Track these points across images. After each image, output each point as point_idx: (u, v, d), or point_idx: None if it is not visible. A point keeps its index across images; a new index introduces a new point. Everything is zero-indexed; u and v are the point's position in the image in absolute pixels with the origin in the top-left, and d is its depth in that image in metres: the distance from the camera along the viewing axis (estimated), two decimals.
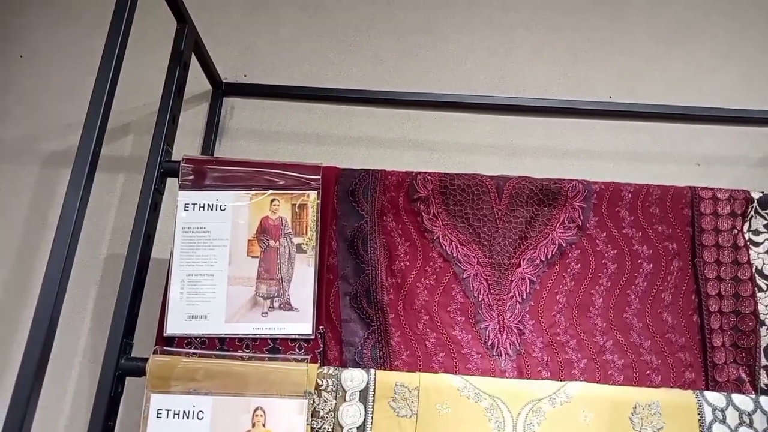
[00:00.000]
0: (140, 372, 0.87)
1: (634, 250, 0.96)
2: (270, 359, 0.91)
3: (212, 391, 0.87)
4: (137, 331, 0.93)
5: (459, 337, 0.93)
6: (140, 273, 0.94)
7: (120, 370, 0.88)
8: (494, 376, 0.90)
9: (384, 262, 0.96)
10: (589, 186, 0.98)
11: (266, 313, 0.93)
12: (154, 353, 0.89)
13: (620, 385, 0.90)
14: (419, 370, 0.90)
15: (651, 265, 0.95)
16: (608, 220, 0.97)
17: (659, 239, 0.96)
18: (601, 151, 1.25)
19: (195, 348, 0.92)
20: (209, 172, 0.99)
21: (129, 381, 0.90)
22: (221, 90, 1.29)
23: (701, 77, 1.30)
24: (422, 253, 0.96)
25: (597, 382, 0.90)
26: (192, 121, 1.27)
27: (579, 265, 0.96)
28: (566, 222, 0.97)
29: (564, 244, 0.96)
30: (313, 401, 0.86)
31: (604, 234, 0.97)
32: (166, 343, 0.92)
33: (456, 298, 0.95)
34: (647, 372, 0.91)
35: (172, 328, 0.93)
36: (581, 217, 0.97)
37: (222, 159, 1.04)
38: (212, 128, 1.26)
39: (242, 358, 0.90)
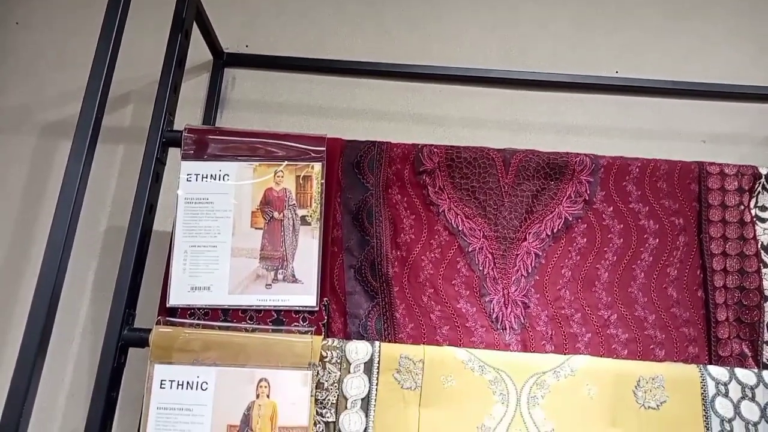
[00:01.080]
0: (143, 342, 0.87)
1: (640, 225, 0.96)
2: (274, 331, 0.90)
3: (216, 362, 0.87)
4: (139, 303, 0.92)
5: (464, 311, 0.93)
6: (142, 243, 0.93)
7: (123, 341, 0.87)
8: (499, 350, 0.90)
9: (389, 235, 0.95)
10: (596, 160, 0.97)
11: (270, 285, 0.93)
12: (157, 324, 0.89)
13: (624, 358, 0.90)
14: (424, 343, 0.90)
15: (657, 240, 0.95)
16: (615, 194, 0.96)
17: (666, 214, 0.96)
18: (606, 127, 1.24)
19: (198, 319, 0.91)
20: (212, 143, 0.97)
21: (131, 352, 0.90)
22: (222, 60, 1.26)
23: (708, 53, 1.29)
24: (427, 226, 0.96)
25: (601, 356, 0.90)
26: (193, 91, 1.25)
27: (585, 240, 0.95)
28: (573, 196, 0.96)
29: (570, 218, 0.96)
30: (318, 373, 0.86)
31: (611, 208, 0.96)
32: (168, 314, 0.92)
33: (461, 271, 0.94)
34: (651, 346, 0.92)
35: (175, 299, 0.92)
36: (588, 192, 0.96)
37: (225, 129, 1.03)
38: (213, 99, 1.24)
39: (246, 330, 0.89)
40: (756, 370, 0.87)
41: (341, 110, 1.25)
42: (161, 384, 0.86)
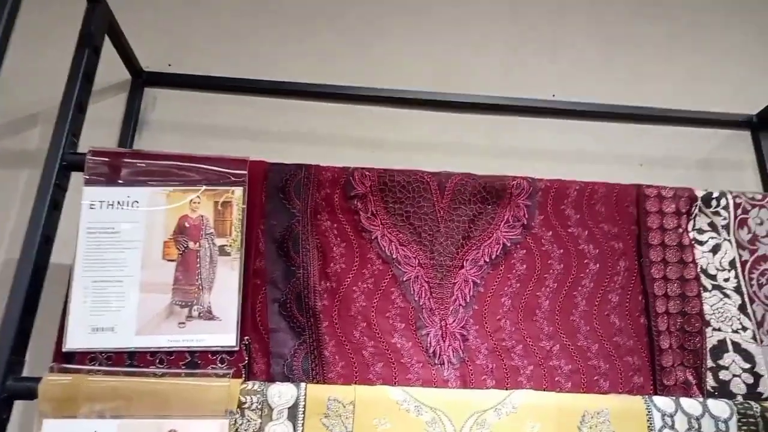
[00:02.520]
0: (31, 394, 0.75)
1: (580, 250, 0.92)
2: (187, 375, 0.80)
3: (119, 414, 0.76)
4: (34, 348, 0.81)
5: (398, 345, 0.86)
6: (35, 280, 0.82)
7: (7, 393, 0.76)
8: (436, 386, 0.84)
9: (317, 265, 0.88)
10: (534, 183, 0.93)
11: (183, 323, 0.83)
12: (49, 371, 0.77)
13: (568, 391, 0.86)
14: (355, 383, 0.83)
15: (597, 266, 0.92)
16: (554, 218, 0.93)
17: (605, 238, 0.93)
18: (544, 150, 1.22)
19: (100, 364, 0.81)
20: (120, 166, 0.88)
21: (21, 405, 0.78)
22: (142, 79, 1.18)
23: (643, 78, 1.30)
24: (359, 254, 0.89)
25: (544, 389, 0.85)
26: (109, 113, 1.16)
27: (524, 266, 0.91)
28: (511, 221, 0.92)
29: (509, 244, 0.91)
30: (235, 421, 0.77)
31: (550, 233, 0.92)
32: (65, 359, 0.80)
33: (395, 302, 0.88)
34: (595, 377, 0.87)
35: (72, 343, 0.81)
36: (526, 216, 0.92)
37: (135, 151, 0.94)
38: (130, 121, 1.15)
39: (155, 375, 0.79)
40: (701, 399, 0.84)
41: (272, 133, 1.18)
42: None
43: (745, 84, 1.30)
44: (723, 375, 0.89)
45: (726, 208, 0.95)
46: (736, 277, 0.92)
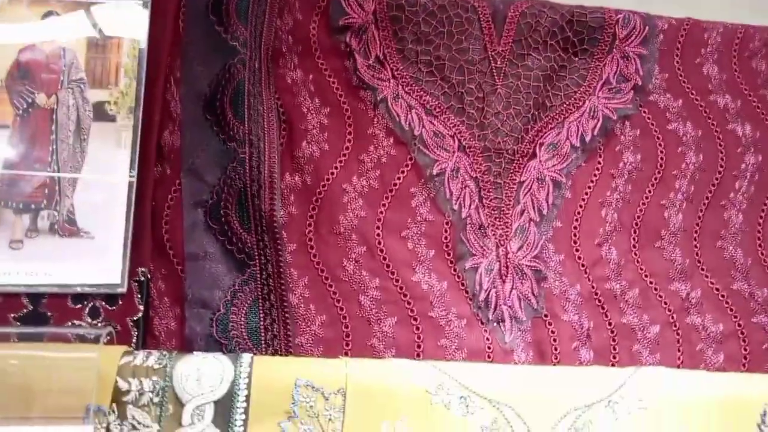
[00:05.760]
0: None
1: (729, 131, 0.61)
2: (22, 337, 0.44)
3: None
4: None
5: (424, 287, 0.51)
6: None
7: None
8: (493, 361, 0.51)
9: (277, 143, 0.50)
10: (650, 21, 0.60)
11: (20, 241, 0.46)
12: None
13: (720, 369, 0.54)
14: (347, 354, 0.49)
15: (759, 158, 0.61)
16: (684, 78, 0.61)
17: None
18: None
19: None
20: None
21: None
22: None
23: None
24: (355, 127, 0.53)
25: (680, 366, 0.53)
26: None
27: (638, 156, 0.58)
28: (614, 81, 0.58)
29: (613, 118, 0.57)
30: (109, 429, 0.39)
31: (679, 102, 0.60)
32: None
33: (419, 212, 0.52)
34: (766, 345, 0.53)
35: None
36: (640, 73, 0.60)
37: None
38: None
39: None
40: None
41: None
42: None
43: None
44: None
45: None
46: None
